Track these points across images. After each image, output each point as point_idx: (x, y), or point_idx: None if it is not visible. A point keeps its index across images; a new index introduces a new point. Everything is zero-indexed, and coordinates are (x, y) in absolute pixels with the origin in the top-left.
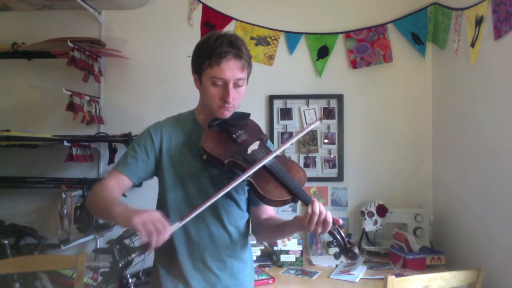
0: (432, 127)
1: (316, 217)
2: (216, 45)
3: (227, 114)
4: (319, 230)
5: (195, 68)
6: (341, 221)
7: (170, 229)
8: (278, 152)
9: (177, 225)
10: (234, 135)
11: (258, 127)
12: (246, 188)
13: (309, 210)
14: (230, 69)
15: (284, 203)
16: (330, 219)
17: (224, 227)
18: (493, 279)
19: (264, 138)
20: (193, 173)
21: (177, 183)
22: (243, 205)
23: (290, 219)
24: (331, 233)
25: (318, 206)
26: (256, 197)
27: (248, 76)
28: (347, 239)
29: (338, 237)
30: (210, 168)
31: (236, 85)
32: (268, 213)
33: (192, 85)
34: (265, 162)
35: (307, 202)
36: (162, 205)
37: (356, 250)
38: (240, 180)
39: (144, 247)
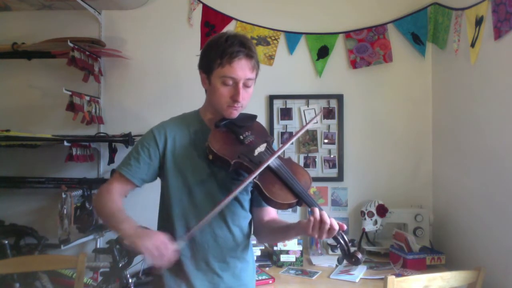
0: (432, 127)
1: (318, 226)
2: (227, 45)
3: (235, 113)
4: (324, 236)
5: (203, 67)
6: (345, 227)
7: (175, 250)
8: (284, 149)
9: (183, 241)
10: (241, 136)
11: (264, 129)
12: (250, 188)
13: (312, 219)
14: (242, 68)
15: (289, 206)
16: (335, 227)
17: (228, 228)
18: (493, 279)
19: (270, 141)
20: (198, 173)
21: (182, 184)
22: (247, 205)
23: (293, 223)
24: (335, 238)
25: (321, 215)
26: (261, 199)
27: (256, 77)
28: (350, 243)
29: (342, 242)
30: (215, 168)
31: (246, 85)
32: (270, 215)
33: (192, 84)
34: (271, 160)
35: (312, 206)
36: (166, 207)
37: (360, 255)
38: (247, 182)
39: (154, 270)
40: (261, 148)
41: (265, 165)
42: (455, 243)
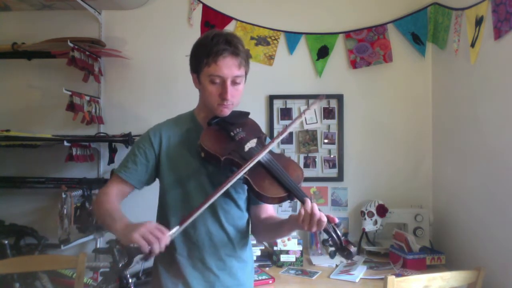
0: (432, 127)
1: (308, 217)
2: (213, 44)
3: (226, 111)
4: (314, 229)
5: (193, 67)
6: (336, 220)
7: (169, 235)
8: (273, 145)
9: (177, 230)
10: (232, 133)
11: (257, 125)
12: (246, 187)
13: (302, 211)
14: (227, 66)
15: (280, 200)
16: (324, 219)
17: (222, 227)
18: (493, 279)
19: (262, 137)
20: (191, 171)
21: (176, 182)
22: (242, 204)
23: (286, 218)
24: (326, 231)
25: (311, 207)
26: (253, 195)
27: (246, 74)
28: (343, 237)
29: (334, 235)
30: (208, 166)
31: (234, 83)
32: (267, 212)
33: (192, 84)
34: (260, 156)
35: (302, 200)
36: (162, 205)
37: (352, 249)
38: (237, 177)
39: (147, 256)
40: (252, 143)
41: (255, 160)
42: (455, 243)
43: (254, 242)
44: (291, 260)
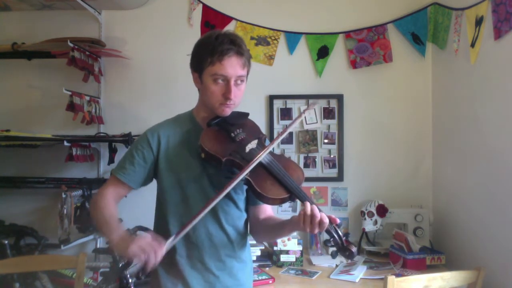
0: (432, 127)
1: (309, 220)
2: (217, 43)
3: (228, 111)
4: (316, 230)
5: (195, 66)
6: (338, 220)
7: (164, 246)
8: (273, 145)
9: (173, 241)
10: (232, 134)
11: (257, 126)
12: (245, 187)
13: (302, 214)
14: (232, 66)
15: (282, 201)
16: (326, 220)
17: (222, 227)
18: (493, 279)
19: (262, 138)
20: (191, 172)
21: (175, 183)
22: (241, 205)
23: (287, 219)
24: (328, 231)
25: (311, 209)
26: (254, 196)
27: (247, 74)
28: (344, 238)
29: (335, 235)
30: (208, 167)
31: (237, 83)
32: (266, 213)
33: (192, 84)
34: (261, 157)
35: (304, 200)
36: (161, 206)
37: (354, 249)
38: (239, 178)
39: (144, 269)
40: (253, 144)
41: (255, 162)
42: (455, 243)
43: (254, 242)
44: (291, 260)
